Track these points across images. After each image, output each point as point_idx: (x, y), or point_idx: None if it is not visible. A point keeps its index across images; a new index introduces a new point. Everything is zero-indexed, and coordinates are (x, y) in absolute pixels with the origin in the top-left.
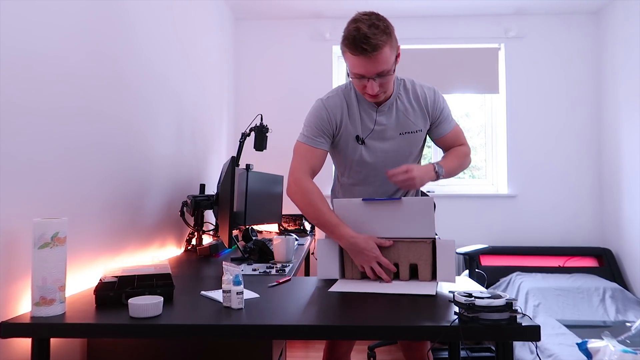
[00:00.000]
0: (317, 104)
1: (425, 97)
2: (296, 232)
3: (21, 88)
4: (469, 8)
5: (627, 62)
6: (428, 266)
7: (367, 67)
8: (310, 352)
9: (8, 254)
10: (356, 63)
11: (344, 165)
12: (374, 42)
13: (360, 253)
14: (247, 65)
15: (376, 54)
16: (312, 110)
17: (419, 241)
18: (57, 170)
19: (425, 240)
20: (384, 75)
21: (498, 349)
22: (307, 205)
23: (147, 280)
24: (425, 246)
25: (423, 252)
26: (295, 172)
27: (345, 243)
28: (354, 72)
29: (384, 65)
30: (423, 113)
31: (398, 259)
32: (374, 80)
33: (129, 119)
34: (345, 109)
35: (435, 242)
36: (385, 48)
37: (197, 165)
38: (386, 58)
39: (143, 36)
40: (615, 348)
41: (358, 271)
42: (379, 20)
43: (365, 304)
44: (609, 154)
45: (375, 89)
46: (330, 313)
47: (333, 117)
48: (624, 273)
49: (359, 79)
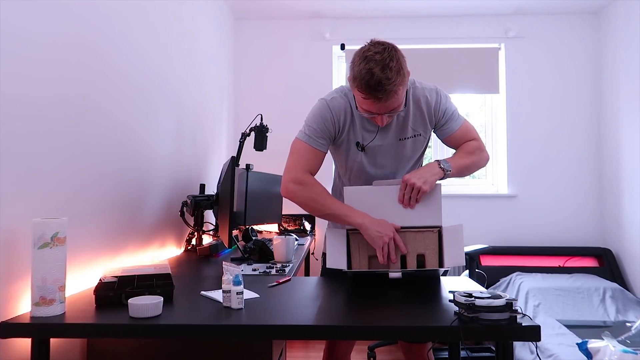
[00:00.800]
0: (320, 104)
1: (427, 100)
2: (296, 232)
3: (21, 88)
4: (469, 8)
5: (627, 62)
6: (435, 255)
7: (379, 108)
8: (310, 352)
9: (8, 254)
10: (367, 103)
11: (345, 167)
12: (388, 88)
13: (377, 232)
14: (247, 65)
15: (390, 98)
16: (316, 109)
17: (426, 231)
18: (57, 170)
19: (432, 229)
20: (395, 111)
21: (498, 349)
22: (311, 200)
23: (147, 280)
24: (432, 235)
25: (430, 241)
26: (293, 170)
27: (362, 222)
28: (363, 108)
29: (396, 104)
30: (423, 117)
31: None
32: (383, 115)
33: (128, 118)
34: (348, 113)
35: (442, 229)
36: (399, 90)
37: (197, 165)
38: (399, 98)
39: (143, 36)
40: (615, 348)
41: (365, 262)
42: (391, 60)
43: (365, 304)
44: (609, 154)
45: (385, 122)
46: (330, 313)
47: (337, 119)
48: (624, 273)
49: (367, 113)
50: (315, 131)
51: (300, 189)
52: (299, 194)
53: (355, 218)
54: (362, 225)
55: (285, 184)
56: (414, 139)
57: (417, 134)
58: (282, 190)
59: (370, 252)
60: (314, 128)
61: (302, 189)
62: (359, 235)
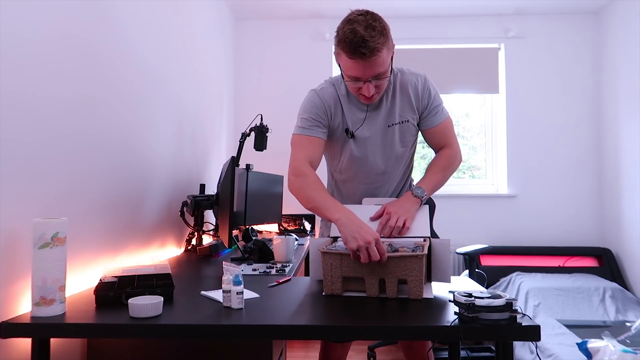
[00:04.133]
0: (310, 95)
1: (415, 84)
2: (296, 232)
3: (21, 88)
4: (469, 8)
5: (627, 62)
6: (419, 283)
7: (364, 70)
8: (310, 352)
9: (8, 254)
10: (352, 66)
11: (337, 159)
12: (372, 45)
13: (353, 233)
14: (247, 65)
15: (374, 57)
16: (306, 100)
17: (410, 255)
18: (57, 170)
19: (417, 255)
20: (381, 77)
21: (498, 349)
22: (300, 189)
23: (147, 280)
24: (417, 261)
25: (414, 267)
26: (292, 163)
27: (338, 218)
28: (348, 74)
29: (381, 68)
30: (411, 102)
31: (385, 274)
32: (369, 83)
33: (128, 118)
34: (337, 100)
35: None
36: (383, 50)
37: (197, 165)
38: (383, 60)
39: (143, 36)
40: (615, 348)
41: (339, 284)
42: (375, 21)
43: (365, 304)
44: (609, 154)
45: (371, 91)
46: (330, 313)
47: (327, 106)
48: (624, 273)
49: (354, 81)
50: (307, 121)
51: (295, 180)
52: (295, 185)
53: (333, 213)
54: (338, 220)
55: (288, 178)
56: (402, 125)
57: (404, 120)
58: (287, 186)
59: (345, 273)
60: (306, 118)
61: (296, 180)
62: (332, 255)
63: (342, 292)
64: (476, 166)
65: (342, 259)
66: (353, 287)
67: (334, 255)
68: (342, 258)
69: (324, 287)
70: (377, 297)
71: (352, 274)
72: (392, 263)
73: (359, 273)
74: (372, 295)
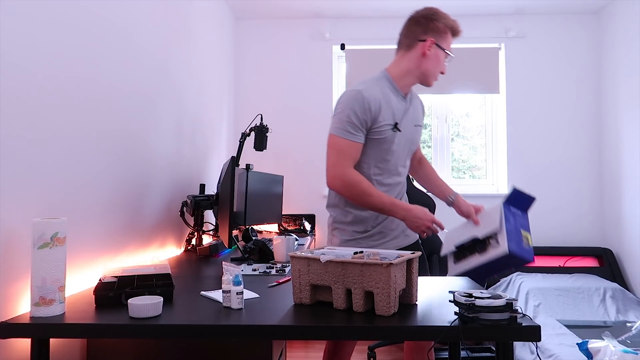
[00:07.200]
0: (357, 95)
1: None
2: (296, 232)
3: (21, 89)
4: (469, 8)
5: (628, 62)
6: (386, 296)
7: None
8: (310, 352)
9: (8, 254)
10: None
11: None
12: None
13: (417, 218)
14: (247, 65)
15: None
16: (352, 102)
17: (374, 264)
18: (57, 170)
19: (381, 263)
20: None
21: (498, 349)
22: (357, 196)
23: (147, 280)
24: (382, 270)
25: (380, 277)
26: (339, 167)
27: (403, 214)
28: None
29: None
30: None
31: (350, 283)
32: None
33: (128, 118)
34: (383, 99)
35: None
36: None
37: (197, 165)
38: None
39: (143, 36)
40: (615, 348)
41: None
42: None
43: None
44: (609, 154)
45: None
46: (330, 313)
47: (374, 108)
48: (625, 273)
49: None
50: (353, 126)
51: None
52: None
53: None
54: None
55: (333, 180)
56: (420, 127)
57: (420, 124)
58: (328, 183)
59: (312, 280)
60: (353, 123)
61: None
62: (299, 260)
63: (310, 301)
64: (476, 166)
65: (310, 264)
66: (324, 297)
67: (301, 260)
68: (309, 263)
69: (292, 295)
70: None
71: (319, 282)
72: (356, 271)
73: (326, 281)
74: (339, 307)
